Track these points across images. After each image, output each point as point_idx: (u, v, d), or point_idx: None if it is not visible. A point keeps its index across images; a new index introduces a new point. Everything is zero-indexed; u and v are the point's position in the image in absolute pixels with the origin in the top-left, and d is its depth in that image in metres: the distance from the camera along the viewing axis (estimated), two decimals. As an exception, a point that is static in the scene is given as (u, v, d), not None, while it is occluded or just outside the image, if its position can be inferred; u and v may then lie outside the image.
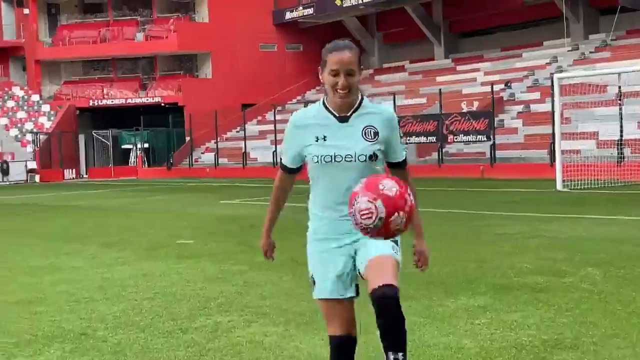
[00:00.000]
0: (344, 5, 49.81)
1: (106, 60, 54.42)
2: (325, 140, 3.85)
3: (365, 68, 53.31)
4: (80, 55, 53.48)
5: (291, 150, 3.99)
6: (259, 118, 50.95)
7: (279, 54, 54.41)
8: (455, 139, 33.83)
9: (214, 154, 45.87)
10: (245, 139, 43.75)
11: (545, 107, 33.40)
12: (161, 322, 6.76)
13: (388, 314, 3.67)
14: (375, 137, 3.84)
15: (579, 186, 22.35)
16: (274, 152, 40.59)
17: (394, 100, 37.75)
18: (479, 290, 7.53)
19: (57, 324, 6.87)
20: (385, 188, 3.61)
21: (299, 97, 52.78)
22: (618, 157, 26.66)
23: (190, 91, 50.77)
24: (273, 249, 4.28)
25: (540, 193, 21.36)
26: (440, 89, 36.70)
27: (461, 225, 13.65)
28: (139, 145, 49.22)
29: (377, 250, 3.80)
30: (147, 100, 51.97)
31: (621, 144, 27.28)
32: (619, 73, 25.50)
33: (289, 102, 51.09)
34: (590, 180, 23.08)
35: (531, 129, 34.24)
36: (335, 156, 3.83)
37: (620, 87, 26.70)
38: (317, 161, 3.86)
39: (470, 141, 33.65)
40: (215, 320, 6.73)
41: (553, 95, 25.27)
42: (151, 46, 52.68)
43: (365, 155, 3.82)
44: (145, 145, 49.61)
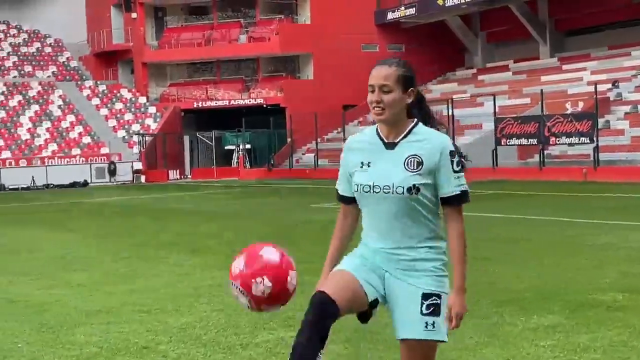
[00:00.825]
0: (447, 5, 49.28)
1: (210, 62, 55.27)
2: (369, 166, 3.58)
3: (468, 68, 53.56)
4: (185, 57, 54.50)
5: (344, 176, 3.73)
6: (360, 119, 50.87)
7: (380, 55, 54.02)
8: (558, 141, 33.04)
9: (313, 155, 46.06)
10: (344, 140, 43.66)
11: (653, 108, 32.29)
12: (224, 337, 6.75)
13: None
14: (418, 168, 3.51)
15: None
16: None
17: (494, 101, 37.08)
18: (553, 308, 7.27)
19: (124, 336, 6.94)
20: (236, 266, 3.61)
21: (400, 98, 52.45)
22: None
23: (292, 92, 51.09)
24: None
25: (642, 199, 20.65)
26: (542, 90, 35.89)
27: (552, 235, 13.25)
28: (241, 146, 49.82)
29: (407, 329, 3.56)
30: (250, 101, 52.55)
31: None
32: None
33: (390, 103, 50.80)
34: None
35: (638, 131, 33.14)
36: (373, 186, 3.54)
37: None
38: (357, 190, 3.60)
39: (573, 143, 32.82)
40: (277, 336, 6.67)
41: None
42: (254, 48, 53.25)
43: (403, 188, 3.49)
44: (248, 146, 50.18)
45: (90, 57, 58.83)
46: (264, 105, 51.91)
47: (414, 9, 51.39)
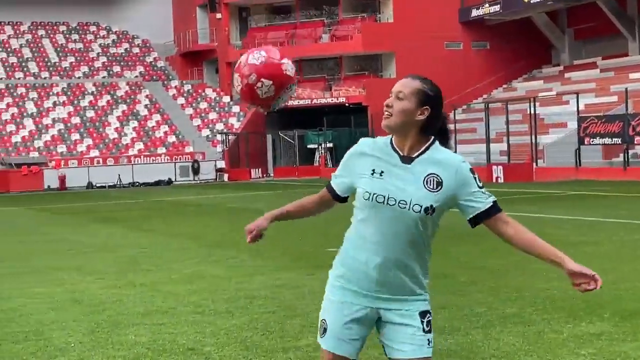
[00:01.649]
0: (532, 1, 48.52)
1: (293, 61, 55.54)
2: (381, 176, 3.50)
3: (554, 65, 52.62)
4: (268, 57, 54.88)
5: (344, 177, 3.66)
6: (443, 117, 50.46)
7: (464, 53, 53.73)
8: (643, 140, 32.25)
9: (395, 153, 45.86)
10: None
11: None
12: (268, 340, 6.84)
13: None
14: (438, 188, 3.45)
15: None
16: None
17: (577, 100, 36.38)
18: (604, 315, 7.14)
19: (173, 337, 7.10)
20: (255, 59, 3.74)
21: (485, 96, 51.93)
22: None
23: (374, 91, 50.98)
24: (260, 236, 3.93)
25: None
26: (627, 88, 35.07)
27: (619, 239, 12.95)
28: (323, 145, 50.02)
29: (412, 348, 3.52)
30: (332, 100, 52.70)
31: None
32: None
33: (474, 101, 50.38)
34: None
35: None
36: (388, 198, 3.46)
37: None
38: (368, 198, 3.49)
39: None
40: (309, 342, 6.70)
41: None
42: (336, 47, 53.37)
43: (421, 206, 3.43)
44: (330, 145, 50.36)
45: (177, 57, 59.88)
46: (346, 104, 51.99)
47: (499, 5, 50.73)
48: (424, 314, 3.58)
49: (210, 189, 37.94)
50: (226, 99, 55.09)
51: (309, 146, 52.08)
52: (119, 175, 44.86)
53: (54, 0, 60.33)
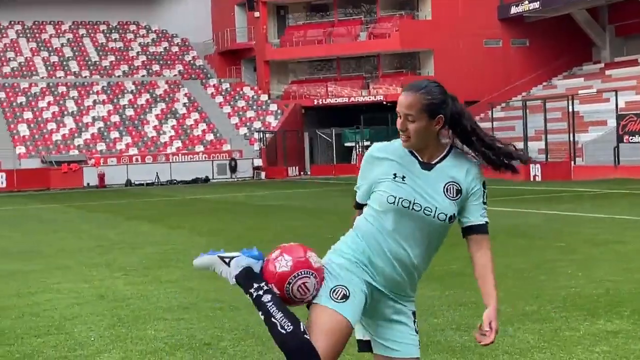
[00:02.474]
0: (572, -2, 48.06)
1: (331, 59, 55.62)
2: (403, 180, 3.46)
3: (595, 62, 52.03)
4: (306, 55, 54.98)
5: (366, 183, 3.59)
6: (482, 115, 50.18)
7: (503, 50, 53.33)
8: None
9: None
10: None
11: None
12: (285, 336, 6.84)
13: None
14: (457, 196, 3.47)
15: None
16: (491, 151, 39.66)
17: (616, 97, 35.95)
18: (624, 313, 7.06)
19: (191, 333, 7.16)
20: (316, 263, 3.53)
21: (524, 94, 51.50)
22: None
23: None
24: None
25: None
26: (666, 85, 34.57)
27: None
28: (360, 143, 49.97)
29: (408, 348, 3.54)
30: (370, 98, 52.61)
31: None
32: None
33: (513, 99, 49.99)
34: None
35: None
36: (414, 203, 3.43)
37: None
38: (393, 202, 3.44)
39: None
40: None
41: None
42: (374, 45, 53.23)
43: (446, 215, 3.44)
44: (367, 143, 50.27)
45: (215, 56, 60.17)
46: (384, 102, 51.85)
47: (539, 2, 50.25)
48: (414, 314, 3.62)
49: (246, 187, 38.09)
50: (264, 97, 55.26)
51: (346, 144, 52.07)
52: (157, 173, 45.20)
53: (95, 0, 61.00)
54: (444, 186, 3.46)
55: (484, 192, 3.52)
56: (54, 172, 43.98)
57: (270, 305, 3.47)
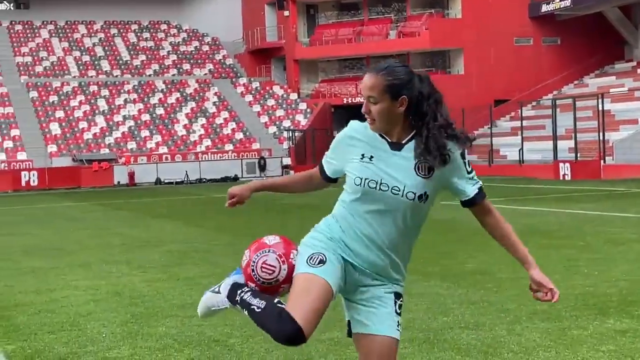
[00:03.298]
0: (604, -4, 47.65)
1: (360, 58, 55.55)
2: (371, 161, 3.45)
3: (627, 61, 51.51)
4: (336, 54, 54.99)
5: (334, 160, 3.63)
6: (512, 114, 49.90)
7: (534, 48, 52.97)
8: None
9: (462, 150, 45.46)
10: (491, 135, 42.83)
11: None
12: (293, 333, 6.86)
13: None
14: (430, 174, 3.42)
15: None
16: (519, 150, 39.40)
17: (647, 96, 35.60)
18: (634, 312, 7.00)
19: (201, 330, 7.20)
20: (294, 258, 3.56)
21: (555, 92, 51.13)
22: None
23: (442, 88, 48.38)
24: (241, 202, 3.93)
25: None
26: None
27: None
28: (388, 142, 49.86)
29: (384, 326, 3.51)
30: (399, 97, 52.47)
31: None
32: None
33: (544, 97, 49.65)
34: None
35: None
36: (381, 183, 3.41)
37: None
38: (360, 184, 3.44)
39: None
40: (343, 333, 6.71)
41: None
42: (404, 43, 53.11)
43: (415, 194, 3.41)
44: (395, 141, 50.17)
45: (245, 55, 60.37)
46: (413, 101, 51.73)
47: (570, 0, 49.89)
48: (398, 295, 3.59)
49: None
50: (293, 96, 55.36)
51: (375, 143, 51.95)
52: (186, 171, 45.42)
53: (126, 0, 61.47)
54: (415, 165, 3.43)
55: (464, 163, 3.48)
56: (84, 171, 44.38)
57: (248, 297, 3.58)
